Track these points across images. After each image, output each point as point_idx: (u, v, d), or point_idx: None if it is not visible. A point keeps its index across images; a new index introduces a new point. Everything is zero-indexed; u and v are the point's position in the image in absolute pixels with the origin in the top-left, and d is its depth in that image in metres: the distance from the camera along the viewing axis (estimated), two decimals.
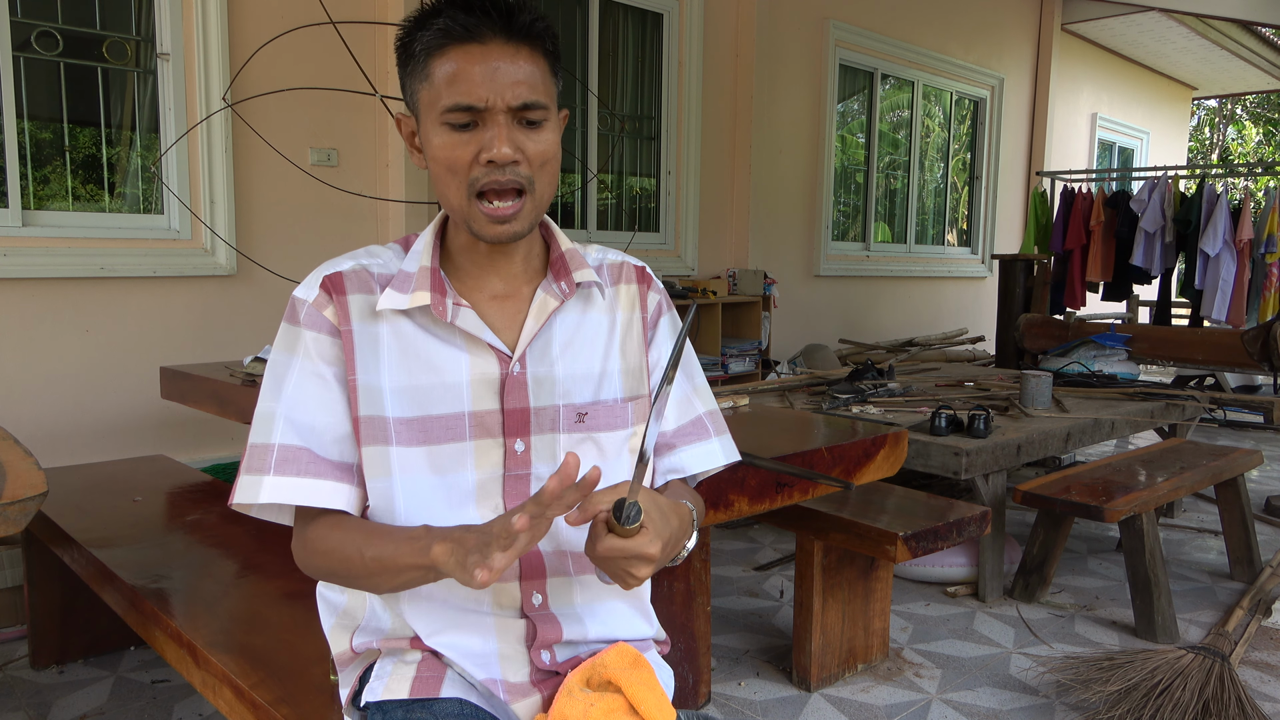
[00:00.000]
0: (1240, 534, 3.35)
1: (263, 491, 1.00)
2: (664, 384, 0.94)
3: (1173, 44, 9.24)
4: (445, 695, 1.07)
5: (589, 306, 1.14)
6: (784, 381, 4.04)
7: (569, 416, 1.10)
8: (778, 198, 6.01)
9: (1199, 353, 5.08)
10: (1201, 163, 18.15)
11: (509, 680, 1.09)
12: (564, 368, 1.10)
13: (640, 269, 1.20)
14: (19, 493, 1.43)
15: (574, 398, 1.10)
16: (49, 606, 2.44)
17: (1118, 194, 6.91)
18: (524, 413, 1.08)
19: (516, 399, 1.08)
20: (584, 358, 1.12)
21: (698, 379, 1.23)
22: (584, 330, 1.12)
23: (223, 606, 1.68)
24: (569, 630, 1.11)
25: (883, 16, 6.64)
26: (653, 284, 1.20)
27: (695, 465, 1.18)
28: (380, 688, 1.09)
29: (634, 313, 1.17)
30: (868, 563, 2.50)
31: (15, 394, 3.13)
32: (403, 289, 1.05)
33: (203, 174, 3.47)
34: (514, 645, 1.10)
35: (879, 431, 2.14)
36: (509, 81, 0.98)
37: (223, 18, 3.43)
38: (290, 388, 1.04)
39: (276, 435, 1.02)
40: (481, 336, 1.06)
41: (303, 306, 1.05)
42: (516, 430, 1.08)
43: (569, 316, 1.12)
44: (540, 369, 1.09)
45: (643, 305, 1.18)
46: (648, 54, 5.28)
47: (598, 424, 1.11)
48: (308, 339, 1.05)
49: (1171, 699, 2.14)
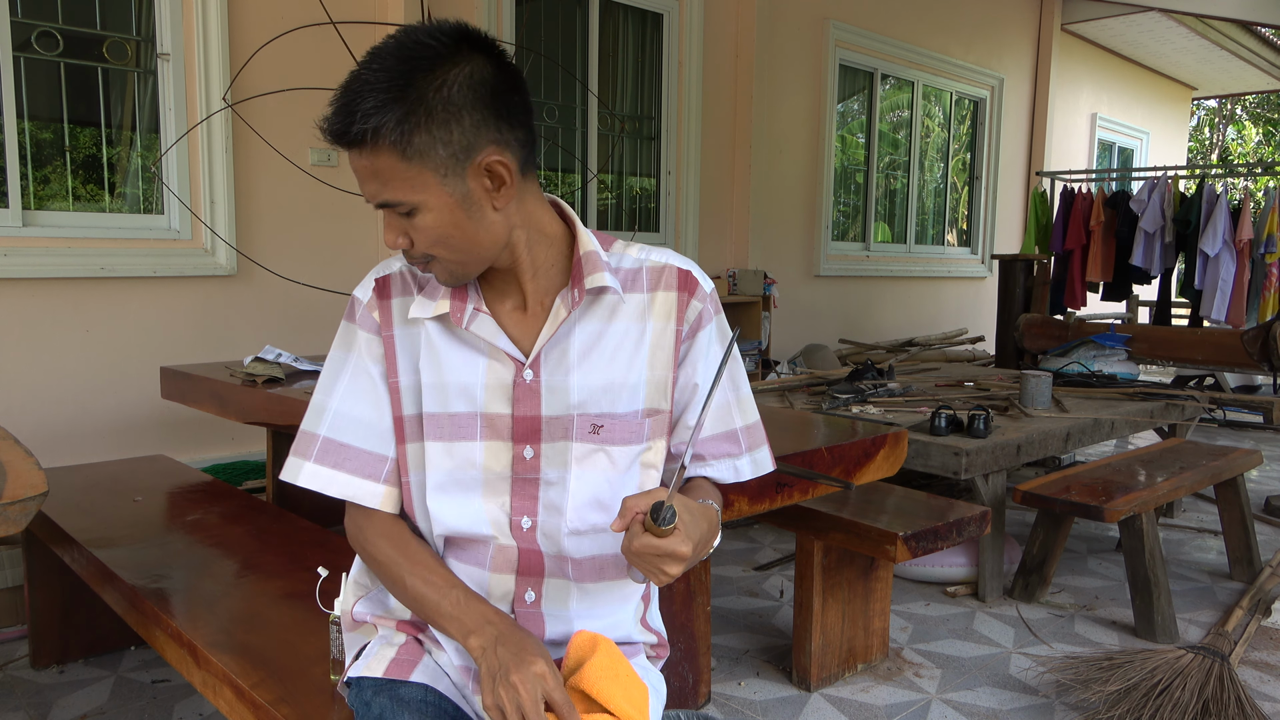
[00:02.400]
0: (1240, 534, 3.35)
1: (302, 475, 1.12)
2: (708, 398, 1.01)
3: (1172, 44, 9.24)
4: (414, 680, 1.12)
5: (615, 314, 1.11)
6: (784, 381, 4.04)
7: (583, 426, 1.10)
8: (778, 198, 6.01)
9: (1199, 353, 5.08)
10: (1201, 163, 18.16)
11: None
12: (581, 377, 1.10)
13: (685, 274, 1.14)
14: (19, 493, 1.43)
15: (590, 408, 1.10)
16: (49, 606, 2.44)
17: (1118, 194, 6.91)
18: (534, 420, 1.10)
19: (527, 406, 1.09)
20: (604, 368, 1.10)
21: (742, 389, 1.21)
22: (607, 339, 1.11)
23: (223, 606, 1.68)
24: (552, 629, 1.13)
25: (883, 16, 6.65)
26: (697, 290, 1.14)
27: (720, 478, 1.20)
28: (363, 665, 1.16)
29: (669, 323, 1.13)
30: (868, 563, 2.50)
31: (16, 394, 3.13)
32: (431, 296, 1.11)
33: (203, 174, 3.47)
34: None
35: (879, 431, 2.14)
36: (366, 185, 1.02)
37: (223, 18, 3.44)
38: (343, 383, 1.13)
39: (324, 427, 1.12)
40: (495, 342, 1.09)
41: (359, 306, 1.14)
42: (526, 436, 1.10)
43: (590, 325, 1.11)
44: (555, 377, 1.09)
45: (679, 315, 1.13)
46: (648, 54, 5.29)
47: (613, 437, 1.11)
48: (360, 338, 1.14)
49: (1171, 699, 2.14)
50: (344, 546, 1.98)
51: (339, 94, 0.98)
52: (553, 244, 1.11)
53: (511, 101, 1.02)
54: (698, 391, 1.14)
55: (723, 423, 1.19)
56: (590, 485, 1.11)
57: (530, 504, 1.11)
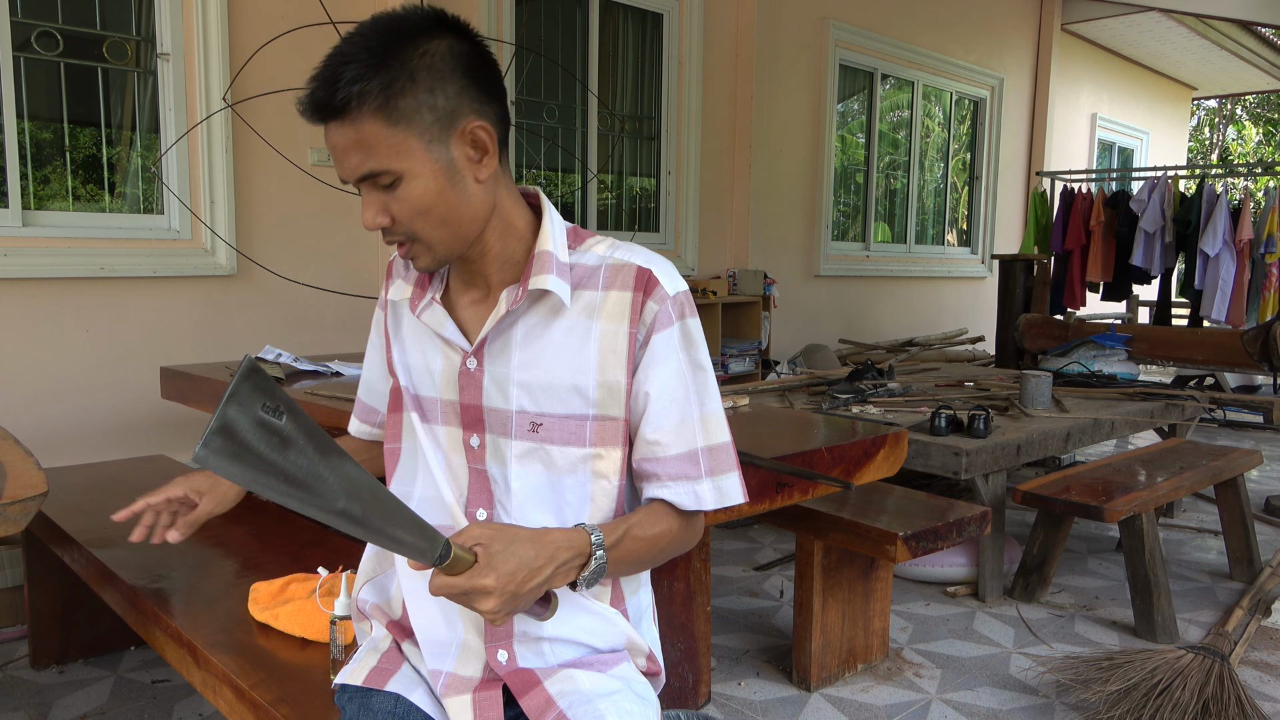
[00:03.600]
0: (1240, 534, 3.35)
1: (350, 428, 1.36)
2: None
3: (1173, 44, 9.24)
4: (389, 689, 1.12)
5: (559, 312, 1.08)
6: (784, 381, 4.04)
7: (522, 423, 1.09)
8: (778, 198, 6.01)
9: (1199, 353, 5.08)
10: (1201, 163, 18.16)
11: (457, 673, 1.11)
12: (522, 373, 1.08)
13: (644, 273, 1.07)
14: (19, 493, 1.43)
15: (528, 405, 1.08)
16: (49, 606, 2.44)
17: (1118, 194, 6.91)
18: (477, 409, 1.11)
19: (470, 395, 1.11)
20: (545, 365, 1.07)
21: (709, 404, 1.11)
22: (550, 336, 1.08)
23: (223, 606, 1.68)
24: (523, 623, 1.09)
25: (883, 16, 6.65)
26: (655, 292, 1.06)
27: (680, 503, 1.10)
28: (347, 672, 1.18)
29: (621, 324, 1.06)
30: (868, 563, 2.50)
31: (16, 394, 3.13)
32: (407, 280, 1.17)
33: (203, 174, 3.47)
34: (475, 637, 1.11)
35: (879, 431, 2.14)
36: (347, 158, 1.00)
37: (223, 18, 3.43)
38: (368, 354, 1.30)
39: (360, 392, 1.33)
40: (441, 331, 1.12)
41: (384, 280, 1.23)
42: (472, 425, 1.12)
43: (533, 320, 1.08)
44: (498, 370, 1.09)
45: (633, 317, 1.06)
46: (648, 54, 5.28)
47: (552, 436, 1.08)
48: (376, 313, 1.26)
49: (1171, 699, 2.14)
50: (344, 546, 1.98)
51: (319, 68, 0.97)
52: (520, 238, 1.10)
53: (490, 76, 1.03)
54: (649, 401, 1.07)
55: (683, 440, 1.08)
56: (530, 484, 1.09)
57: (485, 497, 1.11)
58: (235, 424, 0.81)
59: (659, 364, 1.07)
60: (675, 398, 1.08)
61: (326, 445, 0.87)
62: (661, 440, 1.08)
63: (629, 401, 1.08)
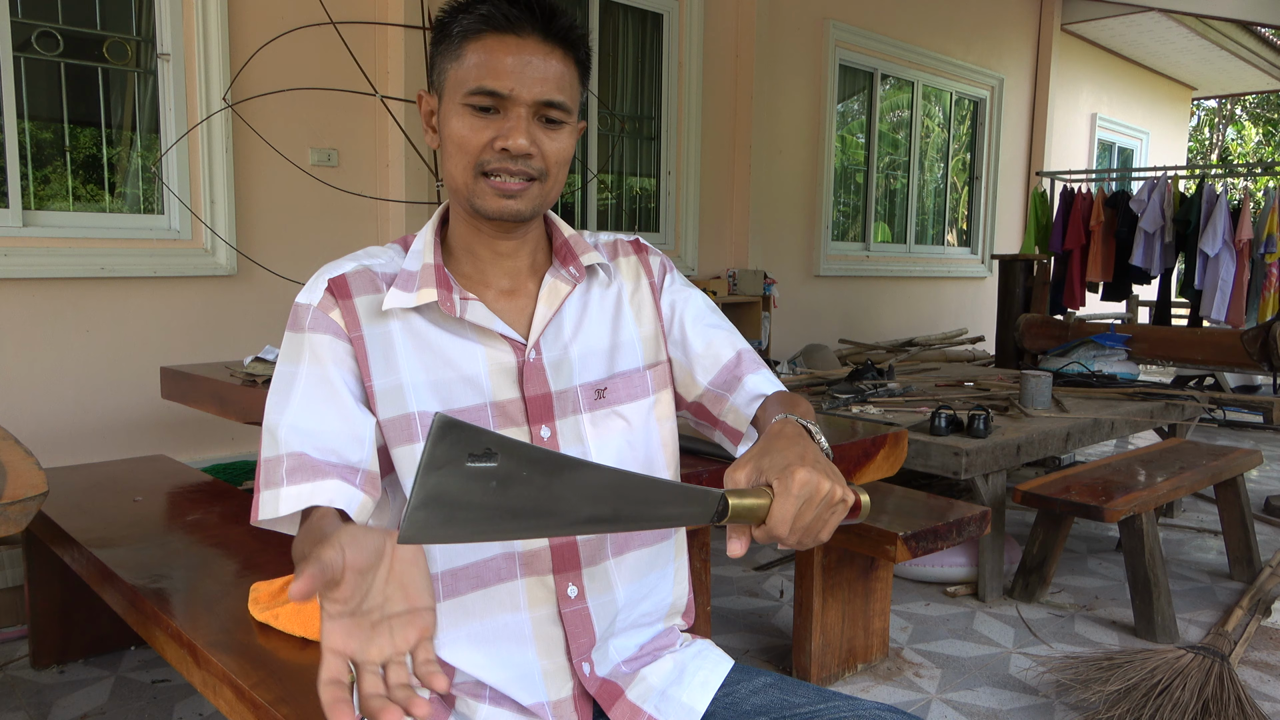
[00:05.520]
0: (1240, 534, 3.35)
1: (282, 503, 0.95)
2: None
3: (1172, 44, 9.24)
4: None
5: (591, 285, 1.15)
6: (784, 381, 4.04)
7: (588, 395, 1.10)
8: (778, 198, 6.01)
9: (1199, 353, 5.08)
10: (1201, 163, 18.17)
11: (554, 699, 1.07)
12: (577, 349, 1.11)
13: (635, 241, 1.22)
14: (19, 493, 1.43)
15: (589, 375, 1.11)
16: (49, 606, 2.44)
17: (1117, 194, 6.92)
18: (546, 399, 1.08)
19: (536, 385, 1.08)
20: (594, 335, 1.12)
21: (725, 321, 1.24)
22: (590, 310, 1.14)
23: (223, 606, 1.68)
24: (601, 623, 1.09)
25: (883, 16, 6.65)
26: (649, 250, 1.22)
27: (764, 387, 1.15)
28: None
29: (639, 281, 1.19)
30: (868, 562, 2.50)
31: (16, 394, 3.13)
32: (407, 287, 1.05)
33: (203, 174, 3.47)
34: (557, 660, 1.07)
35: (879, 431, 2.14)
36: (537, 77, 1.00)
37: (223, 18, 3.44)
38: (297, 395, 1.00)
39: (284, 445, 0.97)
40: (492, 327, 1.06)
41: (307, 312, 1.03)
42: (540, 417, 1.08)
43: (573, 300, 1.13)
44: (554, 353, 1.09)
45: (647, 270, 1.20)
46: (648, 54, 5.29)
47: (618, 396, 1.12)
48: (314, 343, 1.02)
49: (1171, 699, 2.15)
50: None
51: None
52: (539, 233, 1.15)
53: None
54: (692, 322, 1.18)
55: (733, 344, 1.19)
56: (611, 451, 1.10)
57: None
58: (442, 489, 0.73)
59: (681, 296, 1.20)
60: (710, 318, 1.20)
61: (554, 463, 0.78)
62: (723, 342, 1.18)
63: (667, 339, 1.18)
